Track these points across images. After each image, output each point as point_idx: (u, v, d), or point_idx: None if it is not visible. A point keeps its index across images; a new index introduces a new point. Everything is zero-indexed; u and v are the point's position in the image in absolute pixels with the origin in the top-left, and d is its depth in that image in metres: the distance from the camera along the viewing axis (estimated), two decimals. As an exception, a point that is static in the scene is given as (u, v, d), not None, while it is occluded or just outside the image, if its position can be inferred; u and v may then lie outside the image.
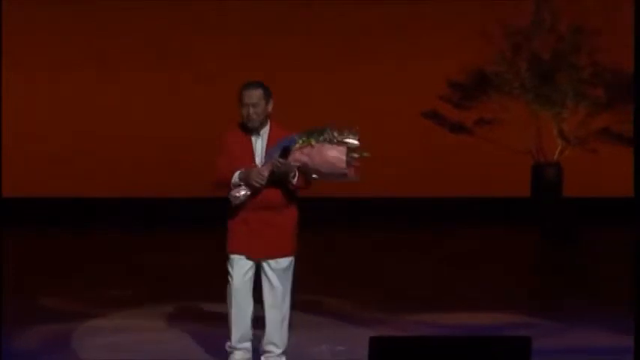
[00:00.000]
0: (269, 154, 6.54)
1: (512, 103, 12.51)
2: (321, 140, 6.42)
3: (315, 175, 6.53)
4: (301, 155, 6.44)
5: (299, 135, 6.49)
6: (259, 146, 6.61)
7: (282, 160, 6.46)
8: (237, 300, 6.63)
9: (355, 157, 6.43)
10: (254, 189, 6.49)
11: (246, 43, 13.75)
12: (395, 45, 13.77)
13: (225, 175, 6.54)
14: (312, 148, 6.42)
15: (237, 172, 6.51)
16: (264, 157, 6.57)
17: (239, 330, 6.69)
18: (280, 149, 6.50)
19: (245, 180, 6.50)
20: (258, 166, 6.53)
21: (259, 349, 6.77)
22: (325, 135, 6.44)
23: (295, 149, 6.46)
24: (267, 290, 6.65)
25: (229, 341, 6.74)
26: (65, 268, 10.70)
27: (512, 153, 12.29)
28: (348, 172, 6.45)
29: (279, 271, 6.62)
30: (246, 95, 6.58)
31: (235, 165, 6.54)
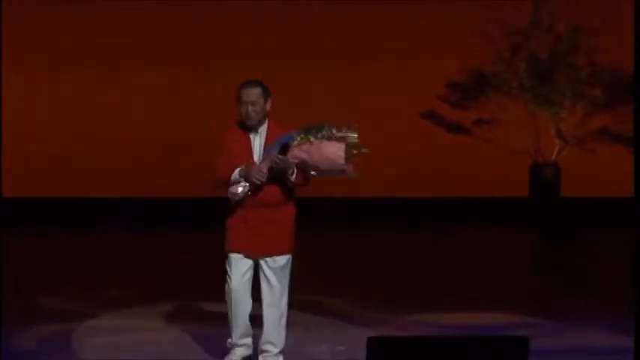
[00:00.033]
0: (267, 151, 6.56)
1: (511, 103, 12.50)
2: (320, 137, 6.43)
3: (314, 172, 6.53)
4: (300, 152, 6.45)
5: (297, 132, 6.50)
6: (258, 144, 6.63)
7: (280, 157, 6.47)
8: (237, 300, 6.65)
9: (354, 153, 6.44)
10: (254, 186, 6.51)
11: (246, 43, 13.74)
12: (395, 45, 13.76)
13: (225, 173, 6.55)
14: (311, 144, 6.43)
15: (237, 169, 6.54)
16: (262, 154, 6.59)
17: (239, 328, 6.73)
18: (279, 146, 6.51)
19: (245, 177, 6.52)
20: (256, 163, 6.56)
21: (257, 348, 6.79)
22: (324, 131, 6.45)
23: (294, 146, 6.47)
24: (265, 288, 6.67)
25: (230, 338, 6.78)
26: (65, 268, 10.69)
27: (510, 153, 12.29)
28: (346, 169, 6.46)
29: (276, 270, 6.63)
30: (245, 93, 6.61)
31: (235, 163, 6.56)
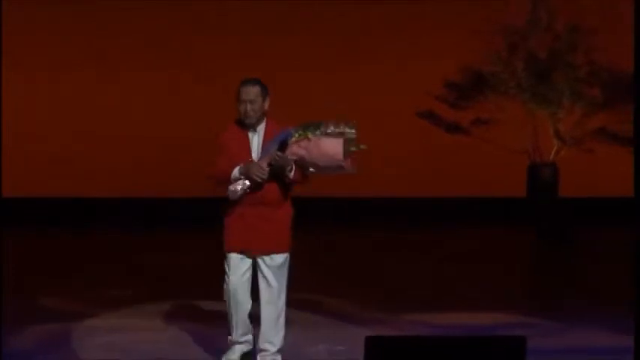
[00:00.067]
0: (266, 148, 6.56)
1: (509, 102, 12.50)
2: (318, 133, 6.44)
3: (313, 169, 6.54)
4: (298, 148, 6.45)
5: (295, 129, 6.51)
6: (256, 142, 6.64)
7: (279, 153, 6.48)
8: (236, 300, 6.67)
9: (352, 149, 6.44)
10: (255, 183, 6.52)
11: (246, 43, 13.75)
12: (394, 45, 13.77)
13: (225, 171, 6.56)
14: (309, 141, 6.43)
15: (237, 167, 6.54)
16: (260, 152, 6.60)
17: (239, 326, 6.76)
18: (277, 143, 6.51)
19: (246, 174, 6.52)
20: (255, 161, 6.56)
21: (255, 347, 6.80)
22: (322, 128, 6.45)
23: (292, 143, 6.47)
24: (263, 287, 6.67)
25: (230, 335, 6.81)
26: (65, 268, 10.70)
27: (508, 153, 12.29)
28: (345, 165, 6.46)
29: (274, 268, 6.64)
30: (244, 92, 6.62)
31: (233, 161, 6.56)
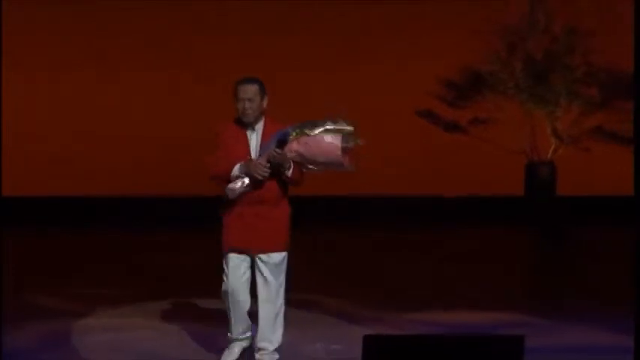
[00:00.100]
0: (264, 147, 6.57)
1: (507, 102, 12.52)
2: (317, 131, 6.46)
3: (312, 166, 6.55)
4: (298, 145, 6.47)
5: (293, 127, 6.52)
6: (254, 141, 6.65)
7: (278, 150, 6.49)
8: (235, 298, 6.69)
9: (351, 145, 6.46)
10: (255, 181, 6.52)
11: (246, 43, 13.75)
12: (394, 45, 13.77)
13: (225, 169, 6.55)
14: (308, 137, 6.46)
15: (238, 165, 6.53)
16: (259, 151, 6.60)
17: (238, 324, 6.78)
18: (276, 141, 6.52)
19: (246, 172, 6.52)
20: (254, 159, 6.57)
21: (253, 345, 6.81)
22: (320, 125, 6.48)
23: (291, 140, 6.49)
24: (261, 285, 6.68)
25: (229, 332, 6.82)
26: (65, 267, 10.69)
27: (506, 152, 12.30)
28: (344, 161, 6.48)
29: (272, 266, 6.64)
30: (242, 90, 6.63)
31: (232, 159, 6.56)
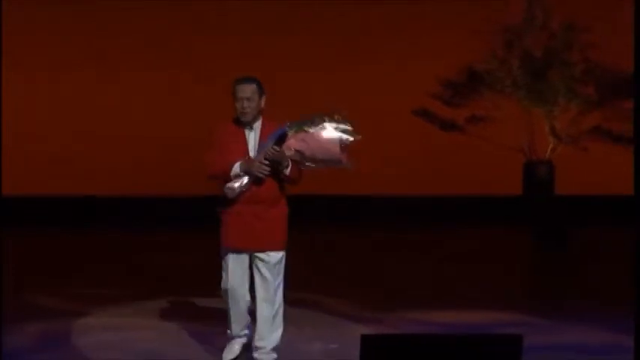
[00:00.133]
0: (262, 146, 6.57)
1: (504, 100, 12.50)
2: (314, 127, 6.47)
3: (309, 163, 6.56)
4: (296, 142, 6.48)
5: (290, 124, 6.53)
6: (252, 140, 6.66)
7: (276, 147, 6.50)
8: (234, 296, 6.74)
9: (349, 140, 6.47)
10: (255, 179, 6.53)
11: (246, 43, 13.74)
12: (394, 45, 13.77)
13: (223, 168, 6.56)
14: (306, 134, 6.47)
15: (238, 164, 6.54)
16: (257, 150, 6.60)
17: (238, 321, 6.84)
18: (274, 139, 6.52)
19: (246, 171, 6.53)
20: (252, 158, 6.57)
21: (251, 344, 6.82)
22: (317, 121, 6.49)
23: (290, 137, 6.49)
24: (259, 284, 6.70)
25: (230, 330, 6.87)
26: (65, 267, 10.69)
27: (504, 151, 12.29)
28: (341, 158, 6.49)
29: (270, 266, 6.66)
30: (240, 89, 6.64)
31: (231, 158, 6.56)
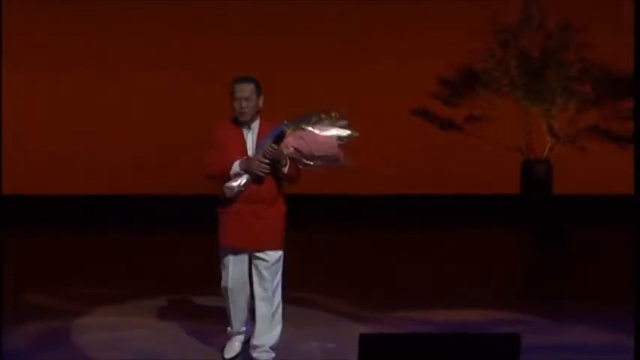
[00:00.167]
0: (261, 145, 6.58)
1: (502, 100, 12.50)
2: (312, 125, 6.48)
3: (307, 161, 6.56)
4: (294, 139, 6.49)
5: (288, 122, 6.54)
6: (251, 139, 6.68)
7: (274, 146, 6.51)
8: (233, 294, 6.78)
9: (346, 137, 6.48)
10: (255, 177, 6.53)
11: (246, 43, 13.74)
12: (394, 45, 13.76)
13: (222, 167, 6.57)
14: (304, 131, 6.48)
15: (237, 163, 6.55)
16: (255, 149, 6.61)
17: (237, 318, 6.89)
18: (272, 137, 6.53)
19: (246, 170, 6.54)
20: (251, 157, 6.58)
21: (250, 343, 6.83)
22: (314, 119, 6.50)
23: (288, 135, 6.50)
24: (257, 283, 6.71)
25: (230, 327, 6.91)
26: (65, 267, 10.69)
27: (501, 150, 12.29)
28: (339, 155, 6.50)
29: (268, 265, 6.67)
30: (238, 89, 6.65)
31: (229, 158, 6.57)
